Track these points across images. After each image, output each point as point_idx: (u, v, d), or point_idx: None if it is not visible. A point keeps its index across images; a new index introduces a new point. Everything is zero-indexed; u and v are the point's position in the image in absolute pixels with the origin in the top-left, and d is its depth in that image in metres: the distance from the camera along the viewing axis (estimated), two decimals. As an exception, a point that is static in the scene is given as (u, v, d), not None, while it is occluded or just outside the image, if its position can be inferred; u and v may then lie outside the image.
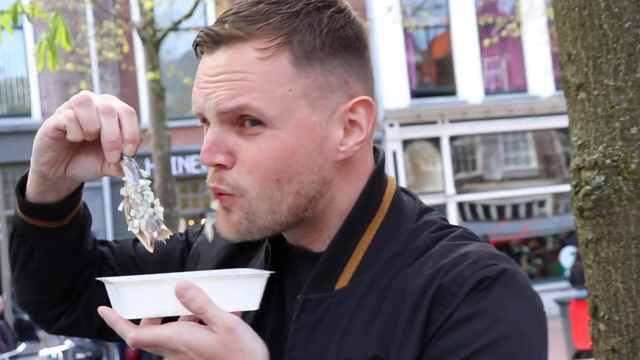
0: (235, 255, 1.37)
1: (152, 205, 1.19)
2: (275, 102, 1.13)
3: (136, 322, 1.13)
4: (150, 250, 1.18)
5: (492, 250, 1.18)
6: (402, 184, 18.42)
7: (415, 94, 19.28)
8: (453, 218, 18.83)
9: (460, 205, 19.31)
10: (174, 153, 14.55)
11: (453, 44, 19.58)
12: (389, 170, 18.39)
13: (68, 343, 12.00)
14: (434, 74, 20.20)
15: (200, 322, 1.09)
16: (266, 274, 1.15)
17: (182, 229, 19.01)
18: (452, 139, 19.21)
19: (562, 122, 18.99)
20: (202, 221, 1.24)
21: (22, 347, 10.95)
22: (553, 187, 19.95)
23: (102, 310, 1.13)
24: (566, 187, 19.52)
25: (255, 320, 1.21)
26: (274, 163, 1.14)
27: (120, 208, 1.20)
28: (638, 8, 1.75)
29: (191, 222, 18.45)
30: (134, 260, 1.47)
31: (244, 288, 1.12)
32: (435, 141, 19.12)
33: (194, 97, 1.19)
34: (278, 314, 1.23)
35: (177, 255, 1.46)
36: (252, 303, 1.13)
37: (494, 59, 20.11)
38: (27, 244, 1.37)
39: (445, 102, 19.07)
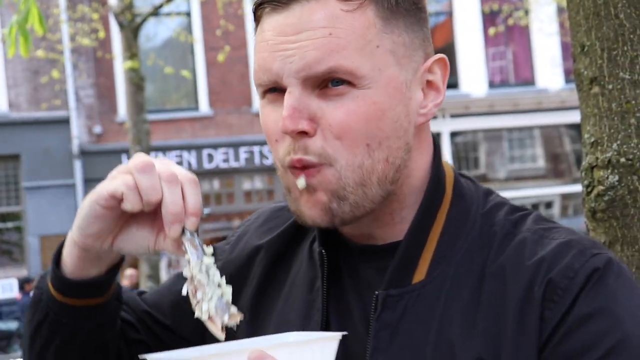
0: (271, 270, 1.33)
1: (219, 285, 1.12)
2: (365, 59, 1.11)
3: None
4: (222, 337, 1.09)
5: (585, 236, 1.18)
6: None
7: (414, 86, 19.25)
8: (454, 220, 18.82)
9: (462, 207, 19.32)
10: (153, 148, 14.55)
11: (455, 32, 19.60)
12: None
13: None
14: (434, 65, 20.19)
15: None
16: (338, 335, 1.08)
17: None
18: (453, 135, 19.23)
19: (572, 117, 19.08)
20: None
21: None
22: (561, 187, 19.99)
23: None
24: (575, 188, 19.54)
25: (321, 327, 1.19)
26: (364, 124, 1.11)
27: (184, 292, 1.13)
28: (656, -3, 1.76)
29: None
30: (149, 315, 1.39)
31: (317, 353, 1.07)
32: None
33: (265, 63, 1.14)
34: (341, 317, 1.21)
35: None
36: None
37: (499, 49, 20.13)
38: (66, 330, 1.24)
39: (446, 96, 18.99)
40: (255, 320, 1.29)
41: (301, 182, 1.14)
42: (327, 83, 1.11)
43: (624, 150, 1.81)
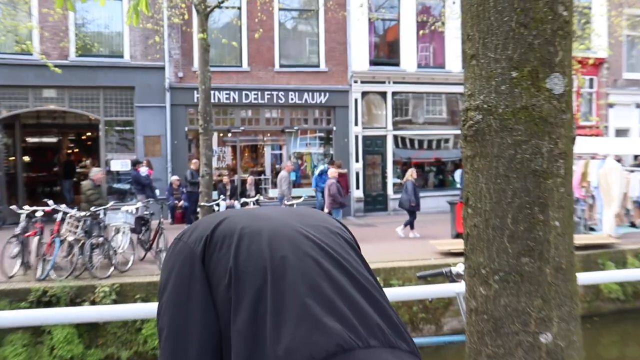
0: None
1: None
2: None
3: None
4: None
5: None
6: (360, 122, 18.33)
7: (373, 63, 18.97)
8: (390, 146, 18.84)
9: (396, 138, 19.31)
10: (212, 88, 14.30)
11: (400, 32, 19.17)
12: (353, 112, 18.22)
13: (139, 204, 11.98)
14: (385, 51, 19.82)
15: None
16: None
17: (215, 139, 18.44)
18: (394, 94, 19.03)
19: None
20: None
21: (110, 203, 10.88)
22: (455, 130, 19.97)
23: None
24: (463, 131, 19.48)
25: None
26: None
27: None
28: (512, 8, 1.72)
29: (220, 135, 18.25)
30: None
31: None
32: (383, 95, 18.94)
33: None
34: None
35: None
36: None
37: (425, 44, 19.75)
38: None
39: (391, 70, 18.79)
40: None
41: None
42: None
43: (486, 100, 1.80)
